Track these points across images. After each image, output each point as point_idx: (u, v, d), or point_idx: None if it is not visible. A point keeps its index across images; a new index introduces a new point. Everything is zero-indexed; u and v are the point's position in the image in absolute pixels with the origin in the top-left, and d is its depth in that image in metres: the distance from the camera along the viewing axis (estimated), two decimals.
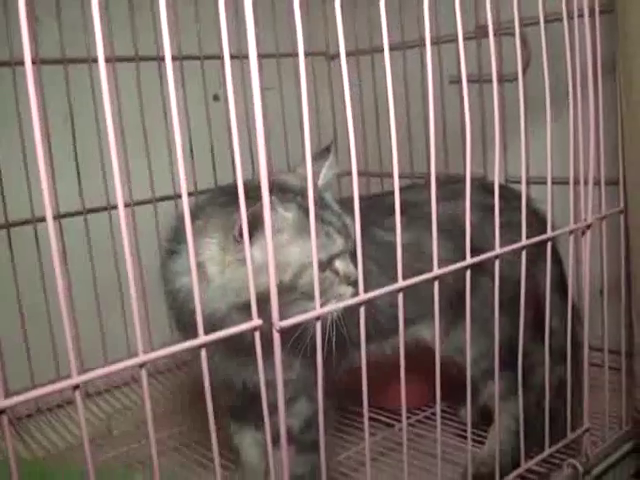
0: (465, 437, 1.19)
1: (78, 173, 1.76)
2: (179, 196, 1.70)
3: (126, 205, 1.48)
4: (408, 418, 1.56)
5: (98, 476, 1.27)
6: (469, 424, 1.17)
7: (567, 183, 1.19)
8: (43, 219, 1.57)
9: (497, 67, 1.70)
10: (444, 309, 1.29)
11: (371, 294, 0.91)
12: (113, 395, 1.80)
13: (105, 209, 1.79)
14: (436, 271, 0.99)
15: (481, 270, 1.26)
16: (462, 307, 1.10)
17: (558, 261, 1.39)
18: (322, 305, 0.94)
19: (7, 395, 0.65)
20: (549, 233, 1.16)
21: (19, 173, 1.65)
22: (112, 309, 1.79)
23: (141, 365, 0.74)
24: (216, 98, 1.98)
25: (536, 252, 1.29)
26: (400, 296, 0.96)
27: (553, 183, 1.16)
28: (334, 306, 0.97)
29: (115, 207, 0.85)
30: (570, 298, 1.29)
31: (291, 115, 2.04)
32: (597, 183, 1.27)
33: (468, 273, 1.04)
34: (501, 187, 1.23)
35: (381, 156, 2.06)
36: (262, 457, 1.29)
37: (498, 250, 1.07)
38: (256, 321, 0.82)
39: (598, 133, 1.24)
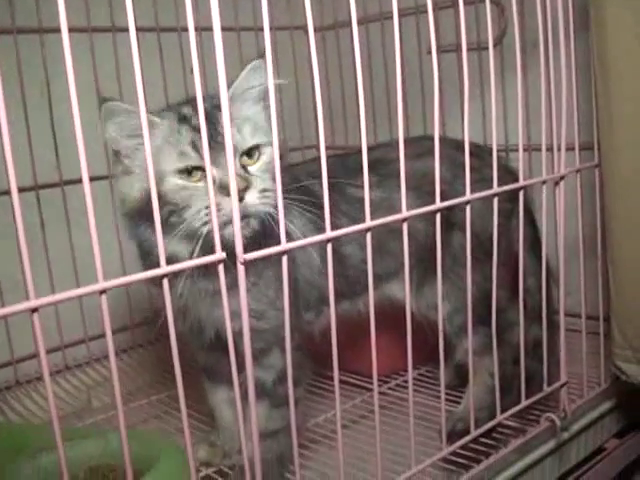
0: (446, 399, 1.18)
1: (55, 140, 1.73)
2: None
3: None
4: (387, 383, 1.58)
5: (71, 434, 1.28)
6: (442, 380, 1.16)
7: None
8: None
9: (473, 35, 1.75)
10: (415, 266, 1.30)
11: (338, 232, 0.91)
12: (93, 368, 1.79)
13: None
14: (404, 213, 0.98)
15: (452, 226, 1.27)
16: (433, 264, 1.10)
17: (532, 221, 1.40)
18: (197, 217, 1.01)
19: None
20: (521, 182, 1.16)
21: None
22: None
23: (101, 292, 0.73)
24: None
25: (509, 209, 1.29)
26: (368, 236, 0.94)
27: (532, 149, 1.16)
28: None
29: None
30: (544, 255, 1.28)
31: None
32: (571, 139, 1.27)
33: (438, 217, 1.04)
34: (475, 146, 1.24)
35: (347, 128, 2.06)
36: (235, 415, 1.28)
37: (469, 196, 1.07)
38: (219, 254, 0.81)
39: (571, 86, 1.24)
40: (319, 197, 1.20)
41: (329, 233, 0.90)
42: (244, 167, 1.04)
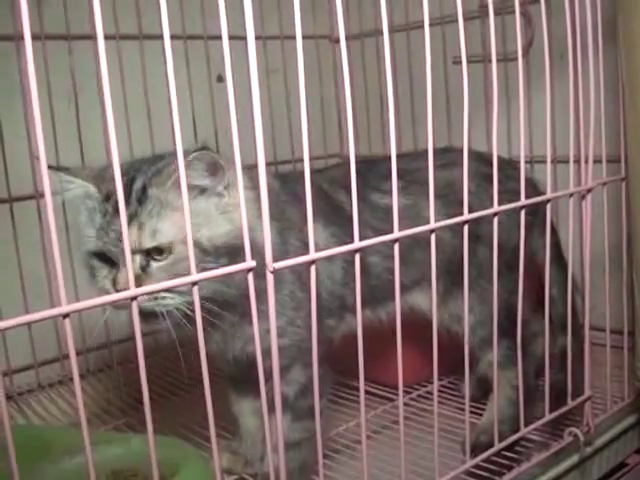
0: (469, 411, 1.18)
1: (81, 152, 1.75)
2: None
3: None
4: (409, 393, 1.57)
5: (95, 439, 1.28)
6: (467, 392, 1.16)
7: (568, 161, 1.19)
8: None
9: (499, 46, 1.74)
10: (441, 277, 1.30)
11: (366, 242, 0.91)
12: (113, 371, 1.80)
13: None
14: (432, 224, 0.98)
15: (478, 238, 1.27)
16: (459, 275, 1.10)
17: (553, 232, 1.39)
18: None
19: None
20: (548, 194, 1.15)
21: (22, 148, 1.66)
22: None
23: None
24: (220, 79, 1.98)
25: (530, 222, 1.29)
26: (396, 247, 0.94)
27: (557, 161, 1.16)
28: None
29: None
30: (570, 266, 1.28)
31: (296, 97, 2.04)
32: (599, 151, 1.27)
33: (466, 229, 1.03)
34: (499, 158, 1.24)
35: (384, 137, 2.05)
36: (260, 426, 1.28)
37: (496, 207, 1.06)
38: (249, 262, 0.81)
39: (599, 98, 1.24)
40: (342, 206, 1.22)
41: (357, 243, 0.89)
42: (145, 264, 0.99)
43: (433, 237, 0.99)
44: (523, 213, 1.11)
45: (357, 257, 0.90)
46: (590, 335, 1.28)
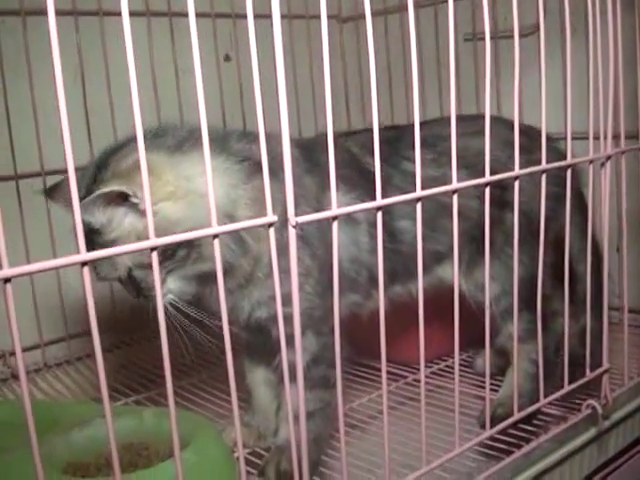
0: (483, 387, 1.16)
1: (88, 129, 1.73)
2: None
3: None
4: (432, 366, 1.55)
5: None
6: (487, 362, 1.13)
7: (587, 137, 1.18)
8: (52, 172, 1.60)
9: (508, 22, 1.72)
10: (467, 245, 1.28)
11: (388, 200, 0.89)
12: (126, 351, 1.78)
13: None
14: (455, 184, 0.96)
15: (505, 205, 1.24)
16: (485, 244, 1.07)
17: (583, 208, 1.36)
18: None
19: None
20: (568, 160, 1.13)
21: (29, 126, 1.64)
22: None
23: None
24: (227, 58, 1.96)
25: (560, 194, 1.26)
26: (418, 207, 0.92)
27: (573, 137, 1.14)
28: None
29: None
30: (590, 236, 1.25)
31: (302, 77, 2.02)
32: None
33: (487, 191, 1.01)
34: (527, 127, 1.22)
35: (393, 116, 2.03)
36: (273, 398, 1.26)
37: (517, 171, 1.04)
38: (271, 217, 0.79)
39: (617, 66, 1.22)
40: (370, 170, 1.20)
41: (380, 201, 0.87)
42: None
43: (455, 198, 0.97)
44: (544, 178, 1.09)
45: (379, 215, 0.88)
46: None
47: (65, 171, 0.65)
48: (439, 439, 1.18)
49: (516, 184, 1.05)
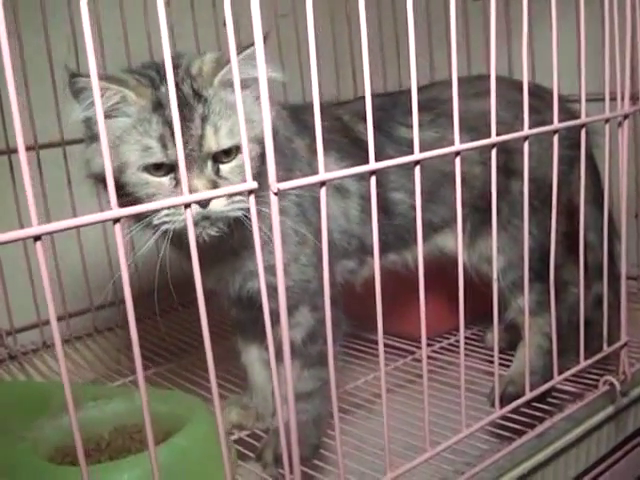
0: (493, 362, 1.09)
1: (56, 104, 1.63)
2: None
3: None
4: (431, 345, 1.48)
5: (97, 394, 1.21)
6: (496, 337, 1.06)
7: (603, 98, 1.10)
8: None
9: None
10: (470, 215, 1.21)
11: (382, 163, 0.81)
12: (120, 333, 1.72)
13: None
14: (457, 146, 0.88)
15: (512, 173, 1.18)
16: (490, 214, 1.00)
17: (595, 172, 1.29)
18: (157, 215, 0.90)
19: None
20: (583, 118, 1.05)
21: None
22: None
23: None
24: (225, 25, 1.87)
25: (571, 157, 1.19)
26: (417, 170, 0.85)
27: (588, 100, 1.05)
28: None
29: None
30: (607, 202, 1.17)
31: (306, 43, 1.93)
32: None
33: (493, 153, 0.94)
34: (535, 86, 1.16)
35: (401, 80, 1.94)
36: (270, 377, 1.20)
37: (527, 131, 0.96)
38: (251, 183, 0.72)
39: (635, 17, 1.13)
40: (361, 137, 1.13)
41: (373, 164, 0.80)
42: (216, 168, 0.93)
43: (458, 160, 0.89)
44: (556, 138, 1.01)
45: (373, 180, 0.81)
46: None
47: None
48: (448, 419, 1.12)
49: (525, 145, 0.97)
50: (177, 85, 0.88)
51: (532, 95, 1.00)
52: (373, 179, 0.81)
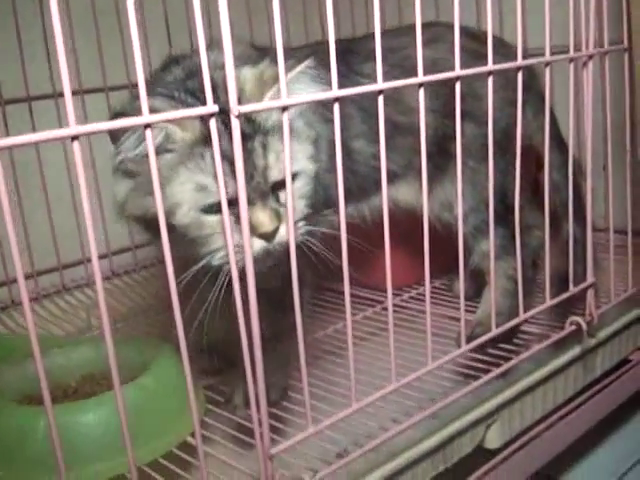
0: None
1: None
2: None
3: None
4: (399, 295, 1.49)
5: (62, 342, 1.20)
6: (462, 278, 1.05)
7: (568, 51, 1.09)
8: None
9: None
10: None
11: (346, 91, 0.81)
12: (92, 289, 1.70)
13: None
14: (421, 77, 0.88)
15: (465, 115, 1.16)
16: (442, 160, 1.00)
17: (551, 114, 1.28)
18: (216, 256, 0.87)
19: None
20: (547, 57, 1.05)
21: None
22: None
23: (73, 137, 0.63)
24: None
25: (524, 100, 1.19)
26: (380, 99, 0.84)
27: (553, 53, 1.05)
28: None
29: None
30: (572, 142, 1.17)
31: None
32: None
33: (458, 86, 0.93)
34: (483, 33, 1.14)
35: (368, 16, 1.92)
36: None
37: (491, 66, 0.96)
38: (211, 106, 0.71)
39: None
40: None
41: (336, 91, 0.79)
42: (276, 196, 0.88)
43: (422, 92, 0.89)
44: (520, 75, 1.01)
45: (336, 107, 0.80)
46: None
47: None
48: (413, 361, 1.11)
49: (490, 80, 0.97)
50: (223, 110, 0.74)
51: (478, 40, 1.04)
52: (336, 107, 0.80)
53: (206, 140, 0.82)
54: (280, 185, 0.87)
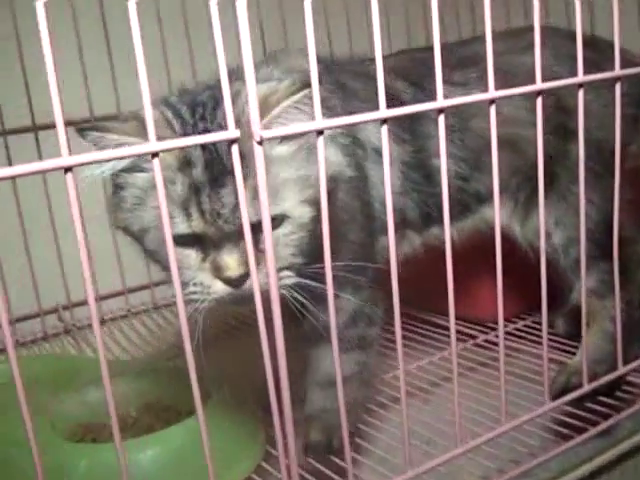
0: (564, 350, 0.95)
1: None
2: None
3: None
4: (493, 330, 1.35)
5: (126, 370, 1.16)
6: (544, 318, 0.92)
7: None
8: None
9: None
10: (522, 185, 1.11)
11: (395, 111, 0.70)
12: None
13: None
14: (492, 93, 0.76)
15: (570, 135, 1.04)
16: (545, 182, 0.87)
17: None
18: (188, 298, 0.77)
19: None
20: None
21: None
22: None
23: (66, 169, 0.57)
24: None
25: (636, 117, 1.05)
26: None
27: None
28: None
29: None
30: None
31: None
32: None
33: (539, 102, 0.81)
34: (593, 38, 1.05)
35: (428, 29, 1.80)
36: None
37: (581, 77, 0.83)
38: (233, 132, 0.63)
39: None
40: (398, 95, 1.02)
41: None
42: (256, 239, 0.72)
43: (493, 109, 0.77)
44: (618, 87, 0.87)
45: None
46: None
47: None
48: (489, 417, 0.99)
49: (580, 94, 0.84)
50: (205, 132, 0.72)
51: (589, 47, 0.87)
52: (384, 128, 0.70)
53: (181, 165, 0.75)
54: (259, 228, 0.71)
